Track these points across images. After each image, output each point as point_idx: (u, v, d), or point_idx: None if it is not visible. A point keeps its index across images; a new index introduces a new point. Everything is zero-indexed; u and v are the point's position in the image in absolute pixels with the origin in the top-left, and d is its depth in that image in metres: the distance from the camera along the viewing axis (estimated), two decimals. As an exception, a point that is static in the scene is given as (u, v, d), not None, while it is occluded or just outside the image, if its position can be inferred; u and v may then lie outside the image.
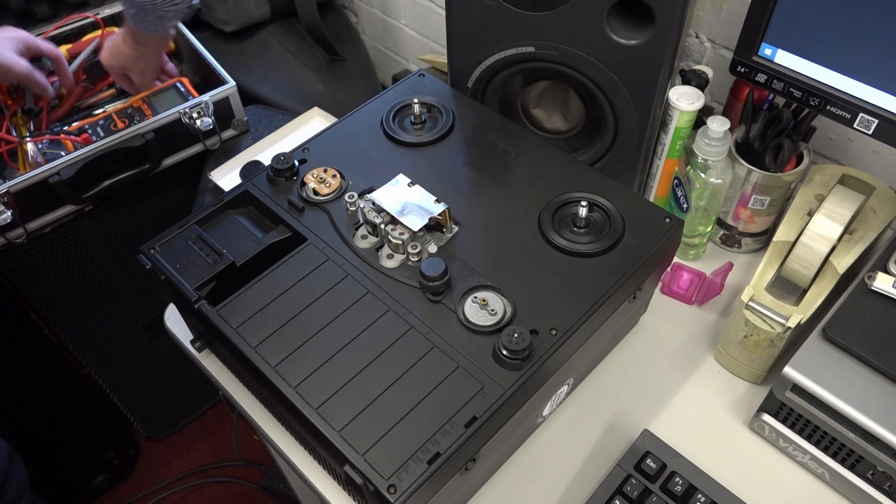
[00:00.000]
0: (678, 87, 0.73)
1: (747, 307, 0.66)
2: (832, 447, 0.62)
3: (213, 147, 1.09)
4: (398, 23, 1.40)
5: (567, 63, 0.72)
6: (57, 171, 0.95)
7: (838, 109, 0.62)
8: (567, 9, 0.68)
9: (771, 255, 0.70)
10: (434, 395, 0.54)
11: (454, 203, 0.65)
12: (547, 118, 0.84)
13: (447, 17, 0.76)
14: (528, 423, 0.65)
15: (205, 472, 1.51)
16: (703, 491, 0.60)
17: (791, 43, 0.63)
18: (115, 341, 1.25)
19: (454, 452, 0.51)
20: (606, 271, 0.61)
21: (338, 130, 0.74)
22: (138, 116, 1.05)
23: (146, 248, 0.64)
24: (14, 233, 0.98)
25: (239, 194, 0.68)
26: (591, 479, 0.65)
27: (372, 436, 0.52)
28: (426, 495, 0.51)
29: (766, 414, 0.65)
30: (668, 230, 0.64)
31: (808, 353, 0.60)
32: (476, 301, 0.59)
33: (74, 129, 1.04)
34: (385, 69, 1.55)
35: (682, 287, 0.79)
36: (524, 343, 0.54)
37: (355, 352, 0.57)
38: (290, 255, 0.63)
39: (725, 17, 0.84)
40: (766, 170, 0.73)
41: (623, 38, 0.67)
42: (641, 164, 0.78)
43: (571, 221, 0.65)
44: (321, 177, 0.68)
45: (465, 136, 0.73)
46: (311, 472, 0.65)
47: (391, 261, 0.62)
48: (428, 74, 0.80)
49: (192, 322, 0.71)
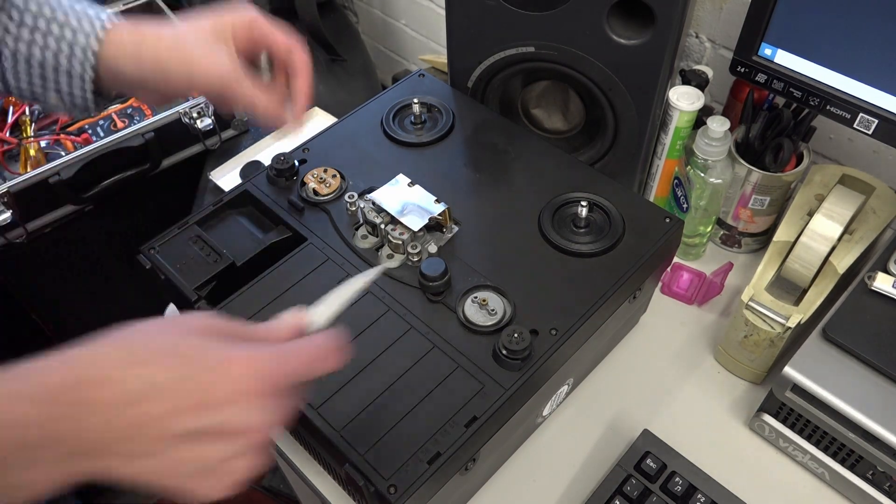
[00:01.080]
0: (678, 87, 0.73)
1: (747, 307, 0.66)
2: (832, 447, 0.62)
3: (213, 147, 1.09)
4: (398, 23, 1.40)
5: (567, 63, 0.72)
6: (57, 171, 0.95)
7: (838, 109, 0.62)
8: (567, 9, 0.67)
9: (771, 255, 0.70)
10: (434, 395, 0.54)
11: (454, 203, 0.65)
12: (547, 118, 0.84)
13: (447, 17, 0.76)
14: (528, 423, 0.65)
15: (205, 472, 1.50)
16: (703, 491, 0.60)
17: (791, 43, 0.63)
18: (115, 341, 1.25)
19: (454, 452, 0.51)
20: (606, 271, 0.61)
21: (338, 130, 0.74)
22: (138, 116, 1.05)
23: (146, 248, 0.64)
24: (14, 233, 0.98)
25: (239, 194, 0.68)
26: (591, 479, 0.65)
27: (372, 436, 0.52)
28: (426, 495, 0.51)
29: (766, 414, 0.65)
30: (668, 230, 0.64)
31: (808, 353, 0.60)
32: (476, 301, 0.59)
33: (74, 129, 1.04)
34: (385, 69, 1.55)
35: (682, 287, 0.79)
36: (524, 343, 0.54)
37: (355, 352, 0.57)
38: (290, 255, 0.63)
39: (725, 17, 0.84)
40: (766, 170, 0.73)
41: (623, 38, 0.67)
42: (641, 164, 0.78)
43: (571, 221, 0.65)
44: (321, 177, 0.68)
45: (465, 136, 0.73)
46: (311, 472, 0.65)
47: (391, 261, 0.62)
48: (428, 74, 0.80)
49: (192, 322, 0.71)
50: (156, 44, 0.53)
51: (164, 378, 0.33)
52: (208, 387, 0.34)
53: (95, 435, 0.32)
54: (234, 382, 0.34)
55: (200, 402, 0.33)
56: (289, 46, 0.56)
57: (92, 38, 0.52)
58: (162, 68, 0.52)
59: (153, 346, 0.34)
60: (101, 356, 0.33)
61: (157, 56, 0.53)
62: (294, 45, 0.56)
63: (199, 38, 0.53)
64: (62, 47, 0.52)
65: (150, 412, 0.32)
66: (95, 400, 0.32)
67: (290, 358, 0.37)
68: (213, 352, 0.35)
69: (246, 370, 0.35)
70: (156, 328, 0.36)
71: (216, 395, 0.34)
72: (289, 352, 0.38)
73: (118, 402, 0.32)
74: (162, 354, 0.34)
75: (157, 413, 0.32)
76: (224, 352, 0.35)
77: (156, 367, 0.33)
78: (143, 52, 0.53)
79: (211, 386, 0.34)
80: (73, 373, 0.32)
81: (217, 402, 0.34)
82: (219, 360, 0.34)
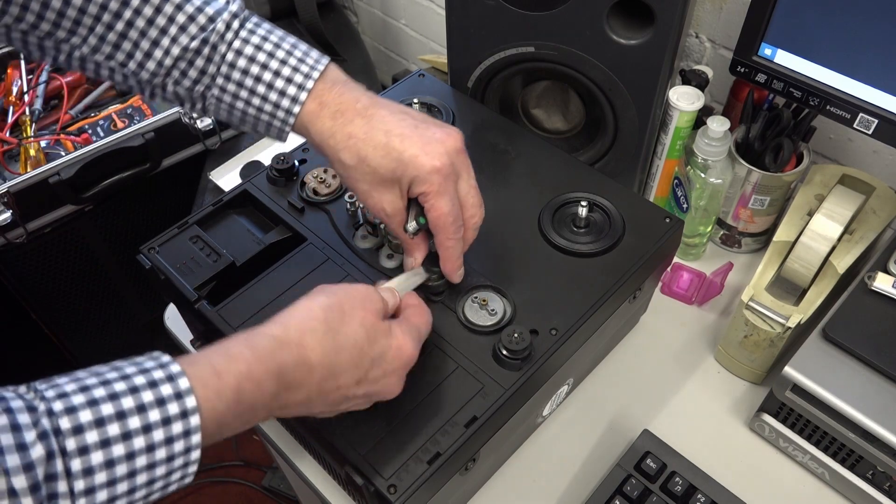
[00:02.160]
0: (678, 87, 0.73)
1: (747, 307, 0.66)
2: (832, 447, 0.62)
3: (213, 147, 1.09)
4: (398, 23, 1.40)
5: (567, 63, 0.72)
6: (57, 171, 0.95)
7: (838, 109, 0.62)
8: (567, 9, 0.67)
9: (771, 255, 0.70)
10: (434, 395, 0.54)
11: (454, 203, 0.65)
12: (547, 118, 0.84)
13: (447, 17, 0.76)
14: (528, 423, 0.65)
15: (205, 472, 1.50)
16: (703, 491, 0.60)
17: (791, 43, 0.63)
18: (115, 341, 1.25)
19: (454, 452, 0.51)
20: (606, 271, 0.61)
21: (338, 130, 0.74)
22: (138, 116, 1.05)
23: (146, 248, 0.64)
24: (14, 233, 0.98)
25: (239, 194, 0.68)
26: (591, 479, 0.65)
27: (372, 436, 0.52)
28: (426, 495, 0.51)
29: (766, 414, 0.65)
30: (668, 230, 0.64)
31: (808, 353, 0.60)
32: (476, 301, 0.59)
33: (74, 129, 1.04)
34: (385, 69, 1.55)
35: (682, 287, 0.79)
36: (524, 343, 0.54)
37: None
38: (291, 255, 0.63)
39: (725, 17, 0.84)
40: (766, 170, 0.73)
41: (623, 38, 0.67)
42: (641, 164, 0.78)
43: (571, 221, 0.65)
44: (321, 177, 0.68)
45: (465, 136, 0.73)
46: (311, 472, 0.65)
47: (391, 261, 0.62)
48: (428, 74, 0.80)
49: (192, 322, 0.71)
50: (346, 138, 0.52)
51: (348, 364, 0.46)
52: (375, 370, 0.48)
53: (301, 398, 0.46)
54: (392, 366, 0.49)
55: (368, 379, 0.48)
56: (438, 226, 0.54)
57: (296, 106, 0.53)
58: (339, 159, 0.53)
59: (346, 333, 0.46)
60: (310, 338, 0.45)
61: (344, 145, 0.52)
62: (443, 226, 0.53)
63: (378, 166, 0.51)
64: (264, 109, 0.53)
65: (335, 385, 0.46)
66: (305, 382, 0.45)
67: (421, 336, 0.52)
68: (380, 343, 0.48)
69: (401, 361, 0.49)
70: (349, 308, 0.47)
71: (377, 375, 0.48)
72: (420, 332, 0.52)
73: (317, 380, 0.45)
74: (350, 344, 0.46)
75: (338, 386, 0.46)
76: (388, 341, 0.49)
77: (346, 354, 0.46)
78: (336, 131, 0.53)
79: (378, 369, 0.48)
80: (294, 354, 0.44)
81: (376, 379, 0.48)
82: (385, 350, 0.48)
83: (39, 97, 1.06)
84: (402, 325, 0.50)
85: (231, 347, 0.43)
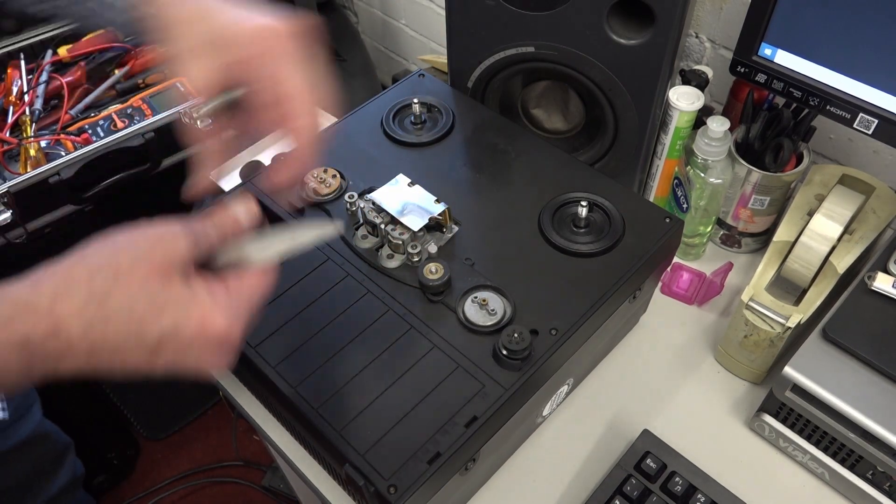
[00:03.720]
0: (678, 87, 0.73)
1: (747, 307, 0.66)
2: (832, 447, 0.62)
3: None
4: (398, 23, 1.40)
5: (567, 63, 0.72)
6: (57, 171, 0.95)
7: (838, 109, 0.62)
8: (567, 9, 0.67)
9: (771, 255, 0.70)
10: (434, 395, 0.54)
11: (454, 203, 0.65)
12: (547, 118, 0.84)
13: (447, 17, 0.76)
14: (528, 423, 0.65)
15: (205, 472, 1.50)
16: (703, 491, 0.60)
17: (791, 43, 0.63)
18: (114, 341, 1.25)
19: (454, 452, 0.51)
20: (606, 271, 0.61)
21: (338, 130, 0.74)
22: (138, 116, 1.05)
23: (146, 248, 0.64)
24: (14, 233, 0.97)
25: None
26: (591, 479, 0.65)
27: (372, 436, 0.52)
28: (426, 495, 0.51)
29: (766, 414, 0.65)
30: (668, 230, 0.64)
31: (808, 353, 0.60)
32: (476, 301, 0.59)
33: (74, 129, 1.04)
34: (385, 69, 1.55)
35: (682, 287, 0.79)
36: (524, 343, 0.54)
37: (355, 352, 0.57)
38: (290, 255, 0.63)
39: (725, 17, 0.84)
40: (766, 170, 0.73)
41: (623, 38, 0.67)
42: (641, 164, 0.78)
43: (571, 221, 0.65)
44: (321, 177, 0.68)
45: (465, 136, 0.73)
46: (311, 472, 0.65)
47: (391, 261, 0.62)
48: (428, 74, 0.80)
49: (192, 322, 0.71)
50: None
51: (125, 337, 0.38)
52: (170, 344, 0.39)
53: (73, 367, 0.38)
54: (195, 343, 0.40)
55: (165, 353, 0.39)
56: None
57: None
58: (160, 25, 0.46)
59: (119, 298, 0.38)
60: (66, 305, 0.37)
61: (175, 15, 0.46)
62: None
63: (200, 41, 0.46)
64: None
65: (119, 360, 0.38)
66: (66, 355, 0.37)
67: (241, 315, 0.41)
68: (171, 313, 0.39)
69: (205, 339, 0.39)
70: (128, 265, 0.39)
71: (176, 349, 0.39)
72: (241, 309, 0.41)
73: (84, 355, 0.38)
74: (124, 316, 0.38)
75: (123, 360, 0.38)
76: (185, 311, 0.39)
77: (118, 326, 0.38)
78: None
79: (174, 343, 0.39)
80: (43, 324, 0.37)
81: (178, 353, 0.39)
82: (180, 322, 0.39)
83: (39, 97, 1.06)
84: (218, 293, 0.40)
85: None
